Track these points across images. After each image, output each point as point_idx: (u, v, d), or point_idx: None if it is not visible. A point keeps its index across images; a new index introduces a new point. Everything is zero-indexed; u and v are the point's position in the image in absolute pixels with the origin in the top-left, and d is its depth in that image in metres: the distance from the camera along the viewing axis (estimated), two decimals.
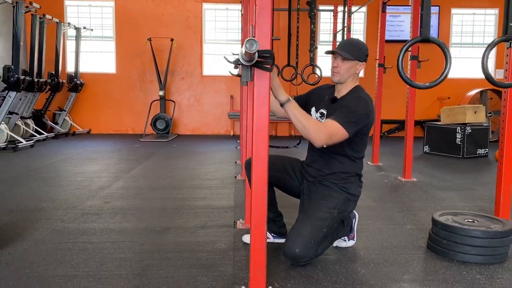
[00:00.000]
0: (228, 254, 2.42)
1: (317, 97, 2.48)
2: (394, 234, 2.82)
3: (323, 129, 2.12)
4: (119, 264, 2.26)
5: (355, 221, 2.59)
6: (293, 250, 2.18)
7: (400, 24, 9.12)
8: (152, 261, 2.32)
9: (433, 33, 9.33)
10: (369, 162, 5.72)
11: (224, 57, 1.97)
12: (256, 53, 1.66)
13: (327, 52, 2.40)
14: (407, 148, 4.66)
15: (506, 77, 2.76)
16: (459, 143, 6.36)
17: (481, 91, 8.56)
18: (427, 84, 1.97)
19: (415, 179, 4.63)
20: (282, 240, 2.49)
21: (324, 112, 2.38)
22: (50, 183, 4.29)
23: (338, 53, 2.28)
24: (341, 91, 2.37)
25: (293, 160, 2.59)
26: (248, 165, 2.45)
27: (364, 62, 2.32)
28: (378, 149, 5.73)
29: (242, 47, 1.75)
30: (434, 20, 9.41)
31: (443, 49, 1.86)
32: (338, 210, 2.31)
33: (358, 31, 9.56)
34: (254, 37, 1.78)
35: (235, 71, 2.52)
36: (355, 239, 2.59)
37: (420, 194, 4.00)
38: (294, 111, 2.06)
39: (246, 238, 2.57)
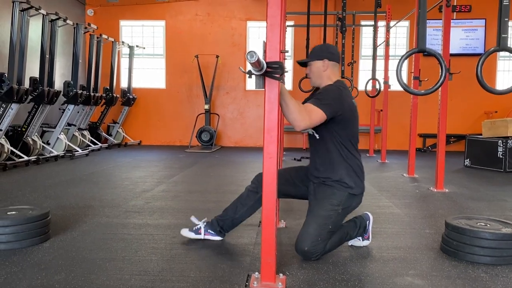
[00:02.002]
0: (248, 248, 2.66)
1: None
2: (411, 237, 2.95)
3: (303, 110, 2.31)
4: (151, 252, 2.56)
5: (369, 222, 2.74)
6: (303, 248, 2.39)
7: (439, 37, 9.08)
8: (180, 250, 2.60)
9: (479, 46, 9.22)
10: (404, 174, 5.78)
11: (239, 68, 2.23)
12: (264, 62, 1.92)
13: (299, 63, 2.69)
14: (439, 159, 4.71)
15: None
16: (500, 156, 6.25)
17: None
18: (422, 91, 2.13)
19: (447, 190, 4.66)
20: (216, 238, 2.77)
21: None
22: (100, 186, 4.73)
23: (299, 62, 2.64)
24: None
25: (298, 168, 2.80)
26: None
27: (328, 60, 2.54)
28: (414, 162, 5.76)
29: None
30: (480, 33, 9.31)
31: (439, 59, 2.03)
32: (342, 206, 2.49)
33: (401, 45, 9.60)
34: (265, 51, 2.05)
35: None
36: (370, 239, 2.74)
37: (448, 203, 4.05)
38: (282, 90, 2.24)
39: (185, 232, 2.79)
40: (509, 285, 2.15)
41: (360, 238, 2.72)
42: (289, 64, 8.88)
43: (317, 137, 2.56)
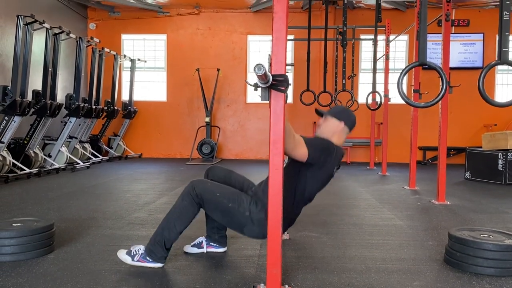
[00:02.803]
0: (253, 259, 2.67)
1: None
2: (414, 249, 2.96)
3: (292, 137, 2.29)
4: None
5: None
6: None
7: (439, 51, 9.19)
8: (184, 262, 2.61)
9: (478, 59, 9.32)
10: (405, 187, 5.79)
11: (245, 80, 2.28)
12: (270, 76, 1.95)
13: (317, 112, 2.68)
14: (440, 171, 4.73)
15: None
16: (501, 169, 6.28)
17: None
18: (423, 104, 2.16)
19: (448, 202, 4.67)
20: (220, 250, 2.77)
21: None
22: (102, 198, 4.74)
23: (318, 111, 2.63)
24: None
25: (244, 179, 2.82)
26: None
27: (345, 124, 2.56)
28: (414, 174, 5.78)
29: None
30: (478, 47, 9.41)
31: (439, 72, 2.07)
32: (248, 212, 2.42)
33: (400, 59, 9.70)
34: (271, 64, 2.08)
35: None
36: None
37: (450, 215, 4.07)
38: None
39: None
40: None
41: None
42: (290, 77, 8.94)
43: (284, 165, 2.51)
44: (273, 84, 2.03)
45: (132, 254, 2.49)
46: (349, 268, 2.54)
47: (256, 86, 2.09)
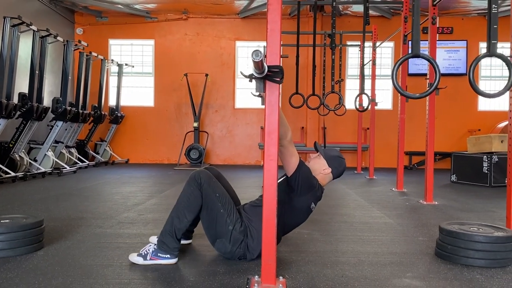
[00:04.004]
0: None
1: None
2: (405, 244, 2.98)
3: (286, 126, 2.34)
4: None
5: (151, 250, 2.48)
6: None
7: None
8: (179, 257, 2.58)
9: (461, 66, 9.52)
10: (393, 188, 5.85)
11: (240, 72, 2.29)
12: (266, 65, 1.97)
13: (315, 145, 2.72)
14: (428, 171, 4.79)
15: None
16: (486, 171, 6.39)
17: None
18: (417, 94, 2.20)
19: (436, 202, 4.73)
20: (185, 242, 2.80)
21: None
22: (90, 199, 4.68)
23: (317, 145, 2.67)
24: None
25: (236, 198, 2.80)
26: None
27: (331, 172, 2.58)
28: (402, 176, 5.85)
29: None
30: (462, 54, 9.60)
31: (432, 63, 2.11)
32: (226, 214, 2.44)
33: (386, 65, 9.84)
34: (266, 55, 2.10)
35: (257, 93, 2.83)
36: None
37: (439, 214, 4.12)
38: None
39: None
40: (504, 285, 2.19)
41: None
42: None
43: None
44: (268, 75, 2.04)
45: (143, 254, 2.44)
46: (342, 261, 2.55)
47: (251, 77, 2.10)
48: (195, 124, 9.26)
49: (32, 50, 6.58)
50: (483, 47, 9.63)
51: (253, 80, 2.15)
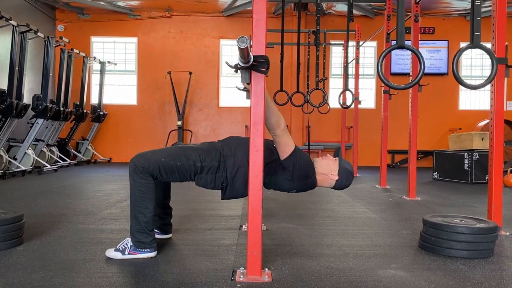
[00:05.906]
0: (231, 248, 2.64)
1: None
2: (389, 237, 3.00)
3: (277, 114, 2.31)
4: None
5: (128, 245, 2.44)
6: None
7: (408, 57, 9.47)
8: (162, 250, 2.55)
9: (443, 66, 9.65)
10: (376, 185, 5.90)
11: (226, 62, 2.27)
12: (252, 55, 1.96)
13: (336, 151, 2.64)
14: (411, 167, 4.84)
15: None
16: (467, 168, 6.48)
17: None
18: (401, 85, 2.22)
19: (419, 198, 4.78)
20: (164, 236, 2.77)
21: None
22: (71, 197, 4.60)
23: (338, 152, 2.59)
24: None
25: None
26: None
27: (336, 180, 2.49)
28: (385, 173, 5.90)
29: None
30: (443, 53, 9.75)
31: (417, 54, 2.13)
32: (202, 164, 2.42)
33: (369, 65, 9.92)
34: (251, 45, 2.08)
35: (242, 86, 2.81)
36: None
37: (421, 209, 4.16)
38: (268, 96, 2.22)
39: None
40: (487, 275, 2.22)
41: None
42: None
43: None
44: (254, 65, 2.03)
45: (121, 249, 2.39)
46: (327, 254, 2.55)
47: (236, 67, 2.08)
48: (179, 123, 9.20)
49: (11, 46, 6.44)
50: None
51: (239, 71, 2.14)
